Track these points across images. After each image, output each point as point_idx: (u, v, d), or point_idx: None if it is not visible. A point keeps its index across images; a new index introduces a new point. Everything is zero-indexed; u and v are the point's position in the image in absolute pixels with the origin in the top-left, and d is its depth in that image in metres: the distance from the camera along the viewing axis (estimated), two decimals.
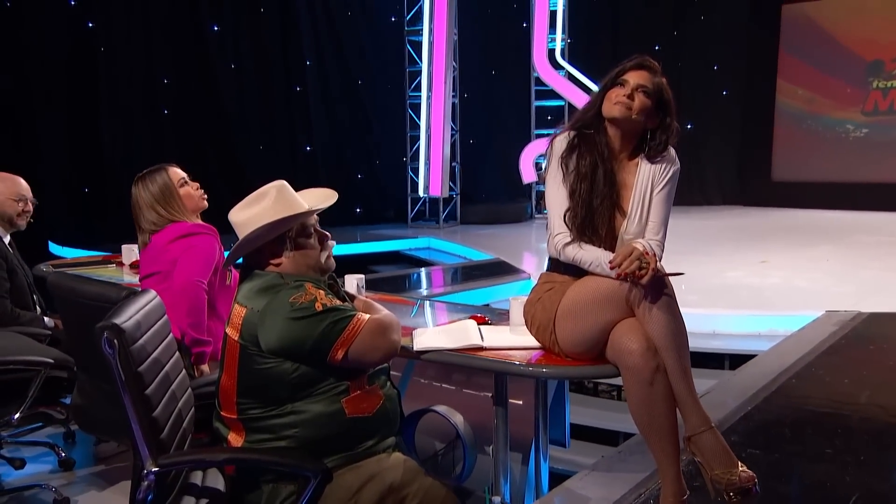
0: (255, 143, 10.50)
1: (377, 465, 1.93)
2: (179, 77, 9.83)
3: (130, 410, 1.79)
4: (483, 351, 2.21)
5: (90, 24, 9.05)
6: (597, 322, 2.05)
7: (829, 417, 3.05)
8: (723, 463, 1.92)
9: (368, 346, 1.89)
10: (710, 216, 11.77)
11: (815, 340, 4.21)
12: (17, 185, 3.43)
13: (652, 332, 1.97)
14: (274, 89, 10.76)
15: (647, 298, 1.97)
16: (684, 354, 1.97)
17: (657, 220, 2.23)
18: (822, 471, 2.54)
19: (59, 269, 3.81)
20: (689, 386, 1.96)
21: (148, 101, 9.58)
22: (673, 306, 1.98)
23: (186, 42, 9.85)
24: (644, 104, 2.19)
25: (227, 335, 1.93)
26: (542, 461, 2.63)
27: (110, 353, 1.76)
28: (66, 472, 3.27)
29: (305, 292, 1.87)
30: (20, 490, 3.04)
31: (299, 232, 1.97)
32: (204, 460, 1.93)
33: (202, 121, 9.98)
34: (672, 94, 2.26)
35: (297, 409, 1.88)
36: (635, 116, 2.19)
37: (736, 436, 2.81)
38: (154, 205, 2.83)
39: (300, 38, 10.95)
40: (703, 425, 1.95)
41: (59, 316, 3.08)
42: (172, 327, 2.64)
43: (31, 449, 3.46)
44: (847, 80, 12.65)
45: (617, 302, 2.02)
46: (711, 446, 1.94)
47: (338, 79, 11.36)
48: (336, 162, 11.41)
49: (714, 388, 3.51)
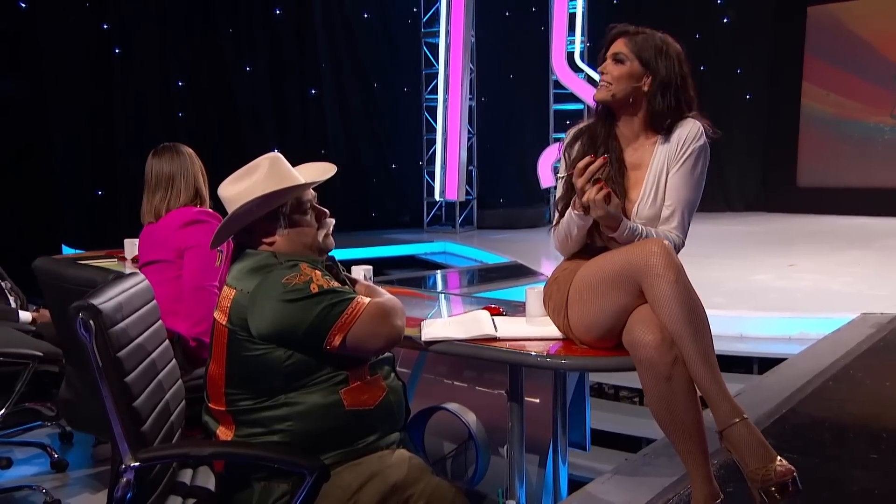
0: (269, 145, 10.36)
1: (379, 462, 1.76)
2: (194, 80, 9.76)
3: (108, 400, 1.63)
4: (497, 342, 2.04)
5: (105, 25, 9.00)
6: (606, 306, 1.86)
7: (872, 421, 2.85)
8: (759, 457, 1.71)
9: (369, 332, 1.72)
10: (733, 221, 11.53)
11: (852, 343, 3.99)
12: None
13: (663, 318, 1.76)
14: (289, 92, 10.67)
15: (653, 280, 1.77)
16: (703, 340, 1.75)
17: (672, 204, 2.02)
18: (868, 478, 2.33)
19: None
20: (714, 375, 1.75)
21: (162, 104, 9.52)
22: (683, 286, 1.77)
23: (201, 44, 9.79)
24: (620, 72, 2.02)
25: (216, 319, 1.78)
26: (561, 464, 2.45)
27: (86, 336, 1.60)
28: (58, 474, 3.13)
29: (300, 273, 1.71)
30: (9, 491, 2.91)
31: (294, 208, 1.81)
32: (188, 454, 1.77)
33: (216, 124, 9.91)
34: (667, 43, 2.06)
35: (291, 401, 1.72)
36: (617, 89, 2.01)
37: (771, 439, 2.53)
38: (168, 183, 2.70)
39: (315, 41, 10.86)
40: (734, 416, 1.74)
41: (46, 303, 2.95)
42: (174, 320, 2.51)
43: (24, 450, 3.34)
44: (875, 82, 12.37)
45: (624, 284, 1.83)
46: (745, 439, 1.73)
47: (353, 81, 11.26)
48: (351, 165, 11.28)
49: (744, 391, 3.30)
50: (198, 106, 9.75)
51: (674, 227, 2.02)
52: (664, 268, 1.77)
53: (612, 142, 2.07)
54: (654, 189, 2.03)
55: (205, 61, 9.82)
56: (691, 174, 2.03)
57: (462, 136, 10.70)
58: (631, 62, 2.02)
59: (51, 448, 3.25)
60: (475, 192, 11.24)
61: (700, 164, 2.04)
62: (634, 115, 2.06)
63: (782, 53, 13.23)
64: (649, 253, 1.79)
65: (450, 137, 10.72)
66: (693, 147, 2.02)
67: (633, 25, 2.10)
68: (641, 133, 2.08)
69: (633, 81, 2.02)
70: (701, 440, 1.79)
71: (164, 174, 2.68)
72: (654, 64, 2.02)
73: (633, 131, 2.08)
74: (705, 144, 2.04)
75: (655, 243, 1.82)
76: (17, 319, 3.10)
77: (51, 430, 3.47)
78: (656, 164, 2.04)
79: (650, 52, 2.03)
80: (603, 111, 2.09)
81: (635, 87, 2.02)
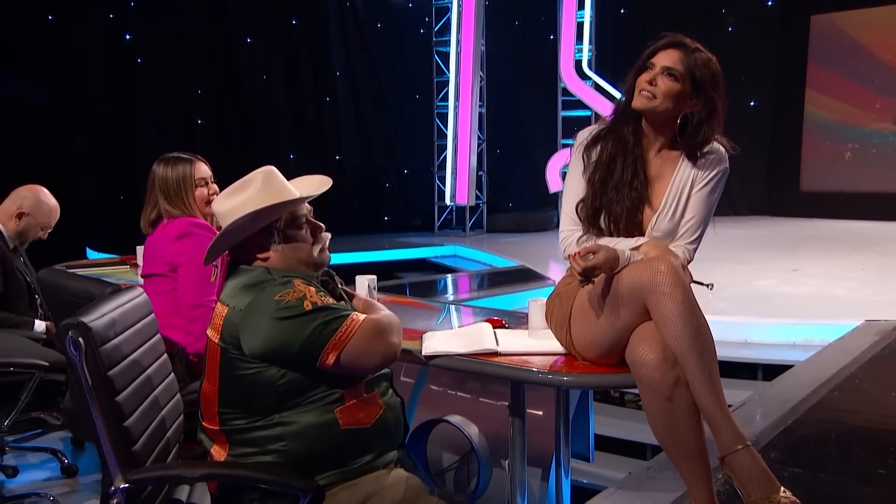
0: (285, 152, 10.34)
1: (375, 483, 1.66)
2: (212, 88, 9.72)
3: (98, 420, 1.55)
4: (498, 356, 1.94)
5: (127, 36, 8.99)
6: (611, 324, 1.76)
7: (879, 434, 2.71)
8: (762, 487, 1.60)
9: (363, 350, 1.62)
10: (738, 225, 11.34)
11: (856, 351, 3.85)
12: (52, 216, 3.35)
13: (667, 337, 1.66)
14: (304, 100, 10.61)
15: (659, 298, 1.67)
16: (708, 361, 1.65)
17: (694, 220, 1.93)
18: (876, 494, 2.20)
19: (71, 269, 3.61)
20: (718, 398, 1.65)
21: (181, 111, 9.48)
22: (689, 306, 1.67)
23: (220, 54, 9.74)
24: (670, 89, 1.87)
25: (208, 337, 1.68)
26: (564, 477, 2.34)
27: (75, 356, 1.52)
28: (68, 479, 3.06)
29: (294, 289, 1.61)
30: (18, 498, 2.84)
31: (289, 222, 1.71)
32: (179, 476, 1.68)
33: (234, 130, 9.86)
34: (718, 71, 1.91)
35: (285, 420, 1.62)
36: (661, 104, 1.88)
37: (775, 452, 2.48)
38: (165, 191, 2.61)
39: (330, 50, 10.80)
40: (737, 443, 1.63)
41: (51, 314, 2.89)
42: (174, 332, 2.42)
43: (35, 455, 3.27)
44: (876, 89, 12.18)
45: (630, 301, 1.73)
46: (748, 467, 1.62)
47: (367, 89, 11.20)
48: (365, 171, 11.25)
49: (749, 400, 3.18)
50: (216, 113, 9.73)
51: (689, 241, 1.95)
52: (671, 286, 1.67)
53: (638, 149, 1.96)
54: (675, 203, 1.94)
55: (222, 70, 9.80)
56: (712, 194, 1.96)
57: (472, 142, 10.60)
58: (683, 81, 1.88)
59: (61, 454, 3.18)
60: (485, 196, 11.13)
61: (721, 187, 1.98)
62: (667, 127, 1.95)
63: (786, 61, 13.07)
64: (656, 271, 1.70)
65: (460, 143, 10.61)
66: (719, 169, 1.96)
67: (689, 39, 1.94)
68: (667, 145, 1.98)
69: (680, 100, 1.90)
70: (704, 461, 1.68)
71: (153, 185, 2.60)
72: (708, 91, 1.89)
73: (661, 142, 1.98)
74: (727, 168, 1.97)
75: (662, 262, 1.72)
76: (31, 329, 3.05)
77: (64, 433, 3.39)
78: (679, 178, 1.95)
79: (705, 77, 1.89)
80: (630, 114, 1.95)
81: (679, 105, 1.90)
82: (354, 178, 10.99)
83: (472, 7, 10.38)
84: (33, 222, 3.25)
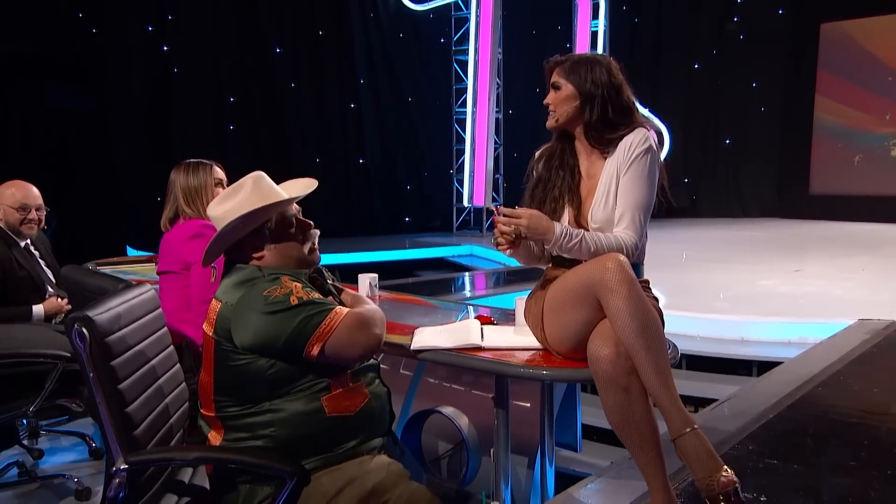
0: (312, 155, 10.46)
1: (358, 467, 1.71)
2: (244, 95, 9.86)
3: (101, 405, 1.61)
4: (482, 351, 1.97)
5: (165, 47, 9.15)
6: (574, 319, 1.79)
7: (855, 428, 2.69)
8: (706, 467, 1.65)
9: (346, 342, 1.67)
10: (748, 227, 11.24)
11: (846, 348, 3.81)
12: (22, 194, 3.13)
13: (617, 331, 1.70)
14: (330, 106, 10.73)
15: (607, 294, 1.71)
16: (655, 352, 1.68)
17: (623, 206, 1.96)
18: (846, 485, 2.20)
19: (101, 265, 3.72)
20: (666, 386, 1.68)
21: (215, 118, 9.64)
22: (635, 301, 1.69)
23: (251, 63, 9.88)
24: (558, 97, 2.02)
25: (204, 331, 1.74)
26: (549, 465, 2.36)
27: (80, 347, 1.58)
28: (95, 461, 3.15)
29: (281, 285, 1.66)
30: (46, 479, 2.93)
31: (279, 223, 1.76)
32: (173, 459, 1.74)
33: (264, 136, 10.00)
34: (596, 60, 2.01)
35: (275, 408, 1.67)
36: (561, 116, 2.02)
37: (754, 444, 2.48)
38: (185, 193, 2.68)
39: (355, 59, 10.90)
40: (685, 426, 1.67)
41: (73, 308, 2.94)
42: (185, 326, 2.49)
43: (67, 438, 3.37)
44: (885, 95, 11.98)
45: (585, 298, 1.77)
46: (694, 449, 1.66)
47: (389, 96, 11.28)
48: (387, 174, 11.33)
49: (736, 395, 3.17)
50: (247, 119, 9.86)
51: (625, 227, 1.96)
52: (618, 283, 1.70)
53: (571, 158, 2.07)
54: (605, 194, 1.99)
55: (254, 78, 9.93)
56: (639, 177, 1.97)
57: (489, 147, 10.63)
58: (565, 86, 2.01)
59: (90, 437, 3.27)
60: (501, 198, 11.15)
61: (646, 167, 1.97)
62: (581, 132, 2.04)
63: (796, 68, 12.91)
64: (604, 269, 1.73)
65: (478, 147, 10.65)
66: (638, 151, 1.97)
67: (562, 55, 2.08)
68: (594, 148, 2.04)
69: (572, 102, 2.01)
70: (657, 451, 1.72)
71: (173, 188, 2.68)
72: (580, 81, 1.99)
73: (586, 147, 2.06)
74: (650, 148, 1.98)
75: (610, 259, 1.75)
76: (29, 318, 3.04)
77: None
78: (607, 171, 2.00)
79: (578, 72, 2.00)
80: (561, 133, 2.09)
81: (574, 107, 2.01)
82: (377, 180, 11.09)
83: (489, 17, 10.41)
84: (8, 209, 3.11)
